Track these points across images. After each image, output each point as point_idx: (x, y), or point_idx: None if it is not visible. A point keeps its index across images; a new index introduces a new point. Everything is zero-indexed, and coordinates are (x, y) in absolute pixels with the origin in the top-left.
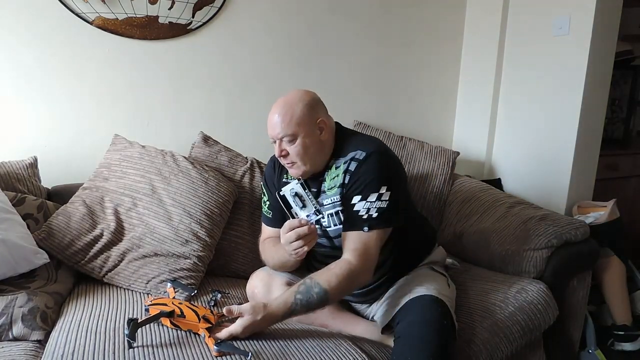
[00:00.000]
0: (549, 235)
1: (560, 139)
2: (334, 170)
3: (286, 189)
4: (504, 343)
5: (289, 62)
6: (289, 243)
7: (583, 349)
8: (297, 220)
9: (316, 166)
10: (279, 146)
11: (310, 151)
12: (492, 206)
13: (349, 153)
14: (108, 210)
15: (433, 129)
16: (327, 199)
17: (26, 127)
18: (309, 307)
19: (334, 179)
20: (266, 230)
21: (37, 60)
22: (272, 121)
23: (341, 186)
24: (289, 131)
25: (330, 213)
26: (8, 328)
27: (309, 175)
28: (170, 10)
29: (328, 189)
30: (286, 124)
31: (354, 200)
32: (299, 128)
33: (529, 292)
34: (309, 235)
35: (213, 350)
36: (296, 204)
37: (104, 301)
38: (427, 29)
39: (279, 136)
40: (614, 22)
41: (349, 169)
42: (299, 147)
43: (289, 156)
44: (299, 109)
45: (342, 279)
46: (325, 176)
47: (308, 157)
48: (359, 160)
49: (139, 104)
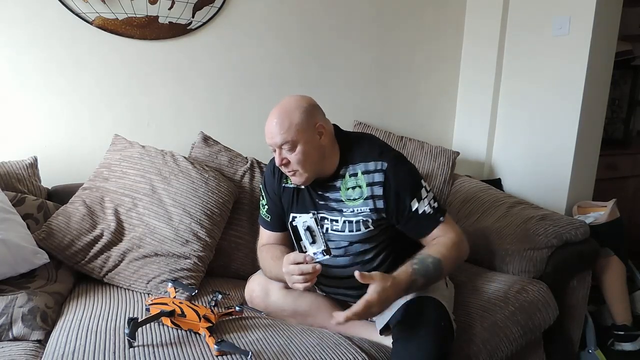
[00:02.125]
0: (549, 235)
1: (560, 139)
2: (351, 179)
3: (299, 220)
4: (504, 343)
5: (288, 62)
6: (290, 275)
7: (583, 349)
8: (303, 257)
9: (319, 171)
10: (279, 155)
11: (312, 158)
12: (492, 206)
13: (360, 162)
14: (108, 211)
15: (433, 129)
16: (347, 208)
17: (26, 127)
18: (427, 276)
19: (355, 189)
20: (264, 234)
21: (37, 60)
22: (270, 130)
23: (370, 198)
24: (289, 138)
25: (349, 220)
26: (8, 328)
27: (311, 181)
28: (170, 10)
29: (349, 199)
30: (285, 132)
31: (413, 205)
32: (299, 135)
33: (529, 292)
34: (311, 273)
35: (213, 349)
36: (306, 238)
37: (104, 301)
38: (427, 29)
39: (278, 144)
40: (614, 22)
41: (376, 181)
42: (300, 154)
43: (290, 164)
44: (296, 115)
45: (450, 247)
46: (340, 185)
47: (309, 164)
48: (384, 171)
49: (139, 104)
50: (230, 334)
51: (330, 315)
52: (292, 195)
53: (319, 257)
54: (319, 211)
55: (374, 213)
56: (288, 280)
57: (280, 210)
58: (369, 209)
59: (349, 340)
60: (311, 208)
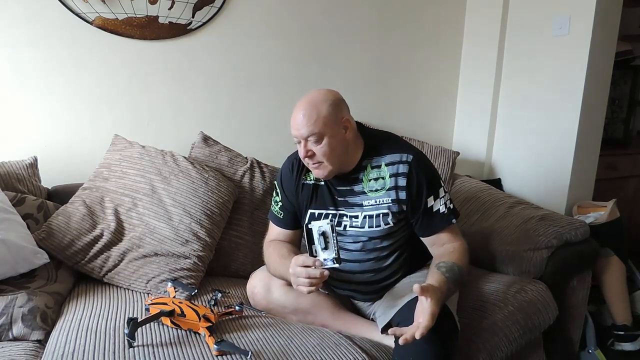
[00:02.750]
0: (549, 235)
1: (560, 139)
2: (373, 171)
3: (315, 224)
4: (504, 343)
5: (288, 62)
6: (297, 277)
7: (583, 349)
8: (312, 261)
9: (342, 166)
10: (305, 147)
11: (337, 151)
12: (492, 206)
13: (386, 154)
14: (108, 211)
15: (433, 129)
16: (368, 200)
17: (26, 127)
18: (456, 283)
19: (377, 180)
20: (274, 230)
21: (37, 60)
22: (296, 121)
23: (393, 189)
24: (315, 130)
25: (369, 215)
26: (8, 328)
27: (333, 175)
28: (170, 10)
29: (371, 190)
30: (312, 124)
31: (429, 202)
32: (325, 127)
33: (528, 292)
34: (318, 278)
35: (213, 349)
36: (319, 243)
37: (104, 301)
38: (427, 29)
39: (304, 136)
40: (614, 22)
41: (400, 172)
42: (326, 147)
43: (315, 156)
44: (324, 108)
45: (464, 255)
46: (362, 177)
47: (335, 156)
48: (409, 163)
49: (139, 104)
50: (230, 334)
51: (330, 313)
52: (311, 192)
53: (329, 264)
54: (338, 208)
55: (395, 204)
56: (293, 282)
57: (295, 208)
58: (391, 200)
59: (349, 340)
60: (330, 205)
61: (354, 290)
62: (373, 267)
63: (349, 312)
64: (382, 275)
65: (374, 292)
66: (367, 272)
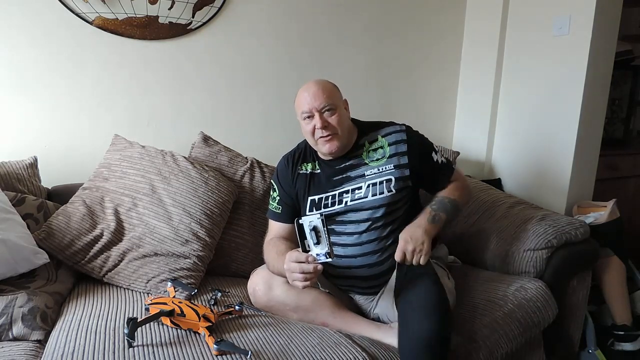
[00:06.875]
0: (549, 235)
1: (560, 139)
2: (370, 145)
3: (306, 220)
4: (504, 340)
5: (288, 62)
6: (291, 273)
7: (583, 349)
8: (305, 257)
9: (348, 142)
10: (320, 118)
11: (346, 124)
12: (492, 206)
13: (380, 129)
14: (108, 210)
15: (433, 129)
16: (371, 169)
17: (26, 127)
18: (447, 212)
19: (377, 150)
20: (274, 226)
21: (37, 60)
22: (312, 94)
23: (394, 155)
24: (330, 101)
25: (372, 182)
26: (8, 328)
27: (340, 151)
28: (170, 10)
29: (372, 160)
30: (327, 96)
31: (433, 157)
32: (338, 100)
33: (528, 290)
34: (312, 273)
35: (213, 349)
36: (311, 238)
37: (104, 301)
38: (427, 29)
39: (320, 107)
40: (614, 22)
41: (399, 140)
42: (339, 117)
43: (329, 127)
44: (331, 86)
45: (461, 190)
46: (362, 151)
47: (345, 129)
48: (404, 130)
49: (139, 104)
50: (230, 334)
51: (331, 312)
52: (307, 180)
53: (322, 258)
54: (337, 188)
55: (398, 170)
56: (288, 277)
57: (293, 200)
58: (393, 166)
59: (349, 339)
60: (328, 188)
61: (355, 277)
62: (375, 249)
63: (349, 312)
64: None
65: (377, 277)
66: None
